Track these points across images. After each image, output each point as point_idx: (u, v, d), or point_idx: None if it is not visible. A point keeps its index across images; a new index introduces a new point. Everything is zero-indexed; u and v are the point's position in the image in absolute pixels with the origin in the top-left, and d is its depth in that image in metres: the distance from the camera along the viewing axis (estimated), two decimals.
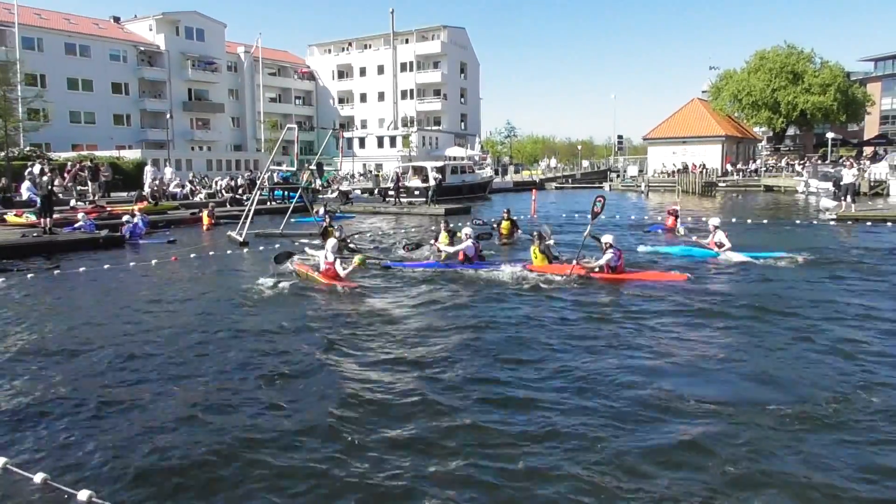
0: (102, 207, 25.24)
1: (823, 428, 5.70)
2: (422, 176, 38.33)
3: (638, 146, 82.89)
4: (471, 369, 7.41)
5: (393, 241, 19.58)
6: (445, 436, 5.65)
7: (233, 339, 8.83)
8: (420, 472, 5.02)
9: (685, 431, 5.64)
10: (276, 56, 78.55)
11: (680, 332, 8.80)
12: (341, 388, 6.89)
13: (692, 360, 7.59)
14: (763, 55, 59.73)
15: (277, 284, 12.12)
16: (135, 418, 6.14)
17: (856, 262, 14.34)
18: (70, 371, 7.55)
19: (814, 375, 7.03)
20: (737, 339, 8.50)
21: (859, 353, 7.74)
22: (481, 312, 10.11)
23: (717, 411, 6.09)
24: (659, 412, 6.07)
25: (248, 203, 22.06)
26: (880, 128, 70.17)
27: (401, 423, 5.93)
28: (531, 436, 5.61)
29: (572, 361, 7.62)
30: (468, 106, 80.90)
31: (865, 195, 34.51)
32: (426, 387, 6.81)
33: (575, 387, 6.76)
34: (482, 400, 6.46)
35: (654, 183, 51.15)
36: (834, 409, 6.08)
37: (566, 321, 9.50)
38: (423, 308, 10.59)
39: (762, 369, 7.20)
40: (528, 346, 8.26)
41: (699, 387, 6.73)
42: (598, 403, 6.32)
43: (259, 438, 5.63)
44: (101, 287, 12.82)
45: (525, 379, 7.03)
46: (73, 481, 4.70)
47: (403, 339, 8.71)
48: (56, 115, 48.23)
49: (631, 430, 5.70)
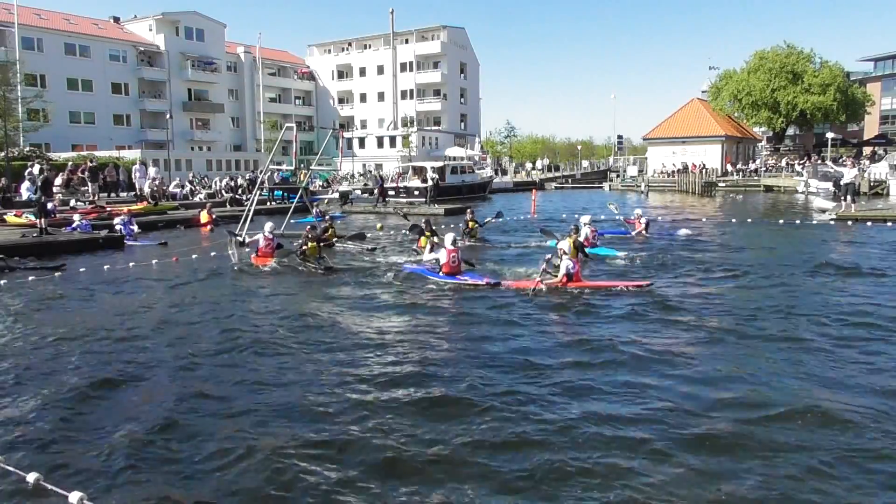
0: (102, 208, 25.22)
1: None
2: (422, 176, 38.34)
3: (638, 146, 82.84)
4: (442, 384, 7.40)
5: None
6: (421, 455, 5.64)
7: (228, 341, 8.83)
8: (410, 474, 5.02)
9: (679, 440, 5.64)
10: (276, 56, 78.54)
11: (648, 340, 8.50)
12: (343, 395, 6.88)
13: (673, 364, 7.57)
14: (763, 55, 59.66)
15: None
16: (128, 421, 6.14)
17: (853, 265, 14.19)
18: (64, 372, 7.55)
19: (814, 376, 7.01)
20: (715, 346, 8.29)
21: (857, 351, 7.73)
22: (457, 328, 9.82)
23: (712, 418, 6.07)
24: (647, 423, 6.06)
25: (248, 203, 22.05)
26: (880, 128, 70.10)
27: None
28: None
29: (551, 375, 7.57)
30: (468, 106, 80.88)
31: (865, 195, 34.50)
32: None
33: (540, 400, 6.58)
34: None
35: (654, 183, 51.14)
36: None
37: (534, 334, 8.91)
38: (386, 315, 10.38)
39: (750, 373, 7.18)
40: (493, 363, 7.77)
41: (672, 391, 6.73)
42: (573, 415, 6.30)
43: (252, 443, 5.62)
44: (98, 288, 12.82)
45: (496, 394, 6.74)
46: (65, 482, 4.68)
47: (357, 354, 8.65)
48: (56, 116, 48.20)
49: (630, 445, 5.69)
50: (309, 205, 24.86)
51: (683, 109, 59.55)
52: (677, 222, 24.42)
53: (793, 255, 15.62)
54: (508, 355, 7.97)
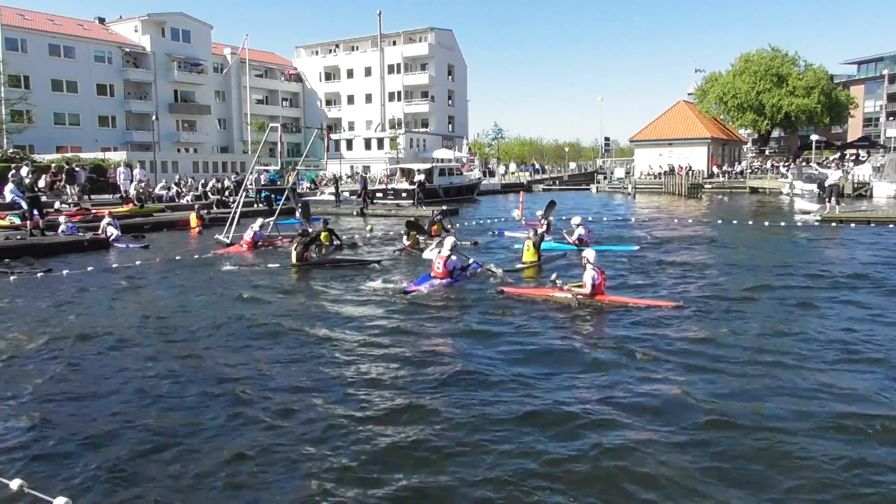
0: (87, 210, 24.98)
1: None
2: (409, 178, 38.32)
3: (625, 148, 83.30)
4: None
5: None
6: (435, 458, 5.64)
7: (214, 346, 8.79)
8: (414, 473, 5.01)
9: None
10: (263, 58, 78.20)
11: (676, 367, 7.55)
12: (333, 406, 6.86)
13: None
14: (748, 58, 60.17)
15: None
16: (113, 426, 6.09)
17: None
18: (48, 377, 7.47)
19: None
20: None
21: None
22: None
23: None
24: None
25: (234, 205, 21.95)
26: (863, 130, 70.90)
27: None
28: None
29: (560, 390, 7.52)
30: (456, 108, 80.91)
31: (849, 197, 34.87)
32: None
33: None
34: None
35: (640, 185, 51.37)
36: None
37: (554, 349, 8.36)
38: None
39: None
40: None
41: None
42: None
43: (242, 451, 5.60)
44: (84, 291, 12.71)
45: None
46: (49, 488, 4.64)
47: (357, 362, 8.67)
48: (40, 117, 47.70)
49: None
50: (296, 206, 24.75)
51: (670, 112, 59.90)
52: (650, 223, 24.56)
53: (776, 257, 15.74)
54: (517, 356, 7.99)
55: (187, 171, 44.06)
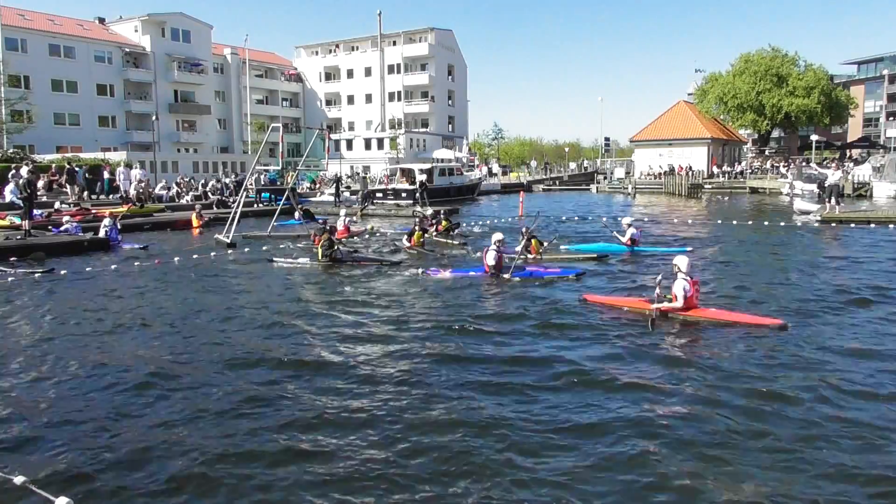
0: (87, 210, 24.99)
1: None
2: (409, 178, 38.34)
3: (625, 148, 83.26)
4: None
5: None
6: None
7: (215, 344, 8.78)
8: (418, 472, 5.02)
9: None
10: (263, 58, 78.21)
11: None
12: (331, 404, 6.87)
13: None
14: (748, 58, 60.21)
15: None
16: (116, 426, 6.10)
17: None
18: (50, 374, 7.48)
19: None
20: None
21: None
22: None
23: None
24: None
25: (235, 205, 21.96)
26: (863, 130, 70.94)
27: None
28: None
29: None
30: (456, 108, 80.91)
31: (849, 197, 34.87)
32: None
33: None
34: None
35: (640, 185, 51.38)
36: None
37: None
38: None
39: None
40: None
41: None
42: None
43: (250, 450, 5.60)
44: (84, 291, 12.72)
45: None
46: (52, 486, 4.65)
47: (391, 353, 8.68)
48: (40, 117, 47.74)
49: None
50: (297, 207, 24.79)
51: (670, 112, 59.91)
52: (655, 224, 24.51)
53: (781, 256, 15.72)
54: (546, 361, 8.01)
55: (187, 171, 44.05)
